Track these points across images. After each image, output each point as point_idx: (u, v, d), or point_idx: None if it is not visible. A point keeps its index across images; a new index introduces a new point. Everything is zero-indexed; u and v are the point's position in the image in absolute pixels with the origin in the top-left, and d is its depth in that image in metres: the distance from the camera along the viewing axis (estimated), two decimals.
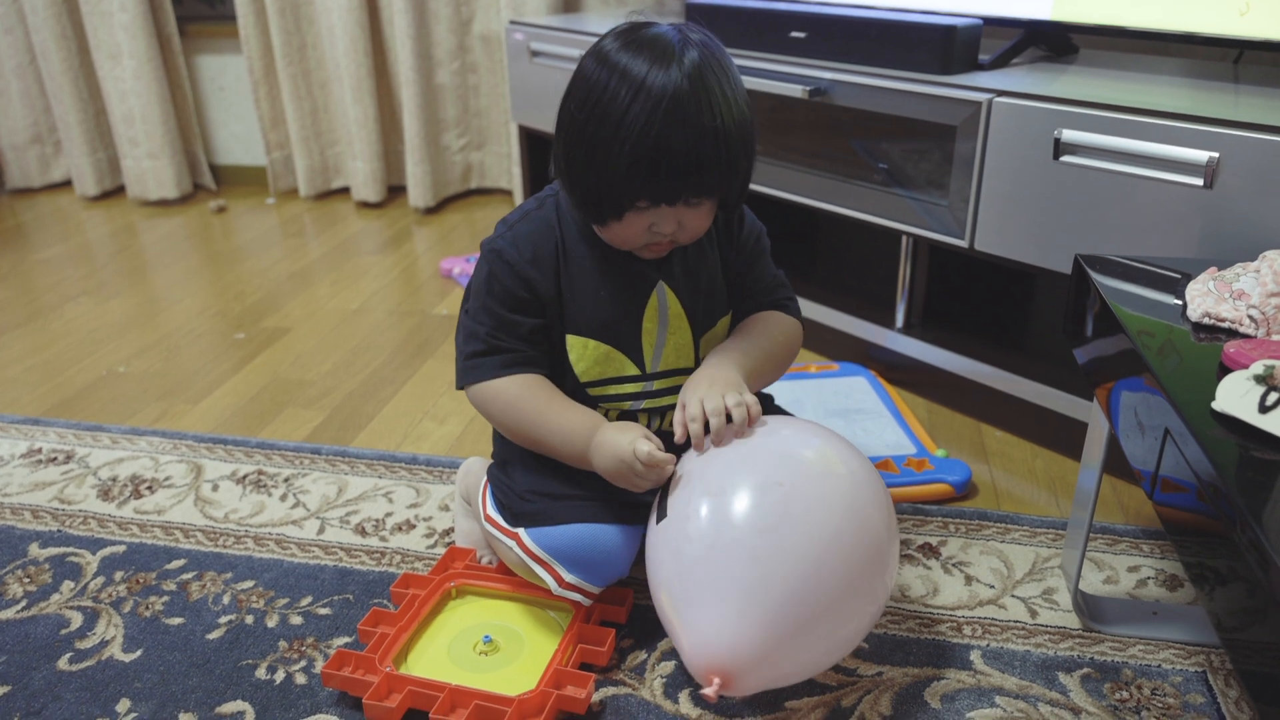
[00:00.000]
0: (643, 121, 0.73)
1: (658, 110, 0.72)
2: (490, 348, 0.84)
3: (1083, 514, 0.91)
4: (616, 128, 0.73)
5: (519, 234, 0.84)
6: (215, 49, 2.34)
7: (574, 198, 0.81)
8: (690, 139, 0.73)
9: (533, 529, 0.84)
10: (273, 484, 1.14)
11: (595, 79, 0.76)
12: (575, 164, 0.78)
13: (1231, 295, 0.77)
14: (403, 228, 2.14)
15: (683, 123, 0.73)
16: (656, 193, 0.76)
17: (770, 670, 0.72)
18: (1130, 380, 0.76)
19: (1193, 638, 0.88)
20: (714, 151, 0.75)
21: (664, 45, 0.75)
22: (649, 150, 0.73)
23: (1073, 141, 1.04)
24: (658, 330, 0.86)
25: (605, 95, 0.74)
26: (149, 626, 0.90)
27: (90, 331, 1.62)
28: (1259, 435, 0.62)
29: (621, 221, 0.79)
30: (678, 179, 0.75)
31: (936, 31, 1.21)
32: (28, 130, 2.37)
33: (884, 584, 0.76)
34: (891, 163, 1.26)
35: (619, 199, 0.77)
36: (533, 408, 0.83)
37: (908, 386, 1.37)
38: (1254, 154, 0.92)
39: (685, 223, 0.80)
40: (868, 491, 0.77)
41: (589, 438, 0.81)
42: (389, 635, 0.84)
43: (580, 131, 0.76)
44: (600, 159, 0.75)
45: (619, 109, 0.73)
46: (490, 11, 2.11)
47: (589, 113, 0.75)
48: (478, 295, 0.85)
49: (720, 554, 0.71)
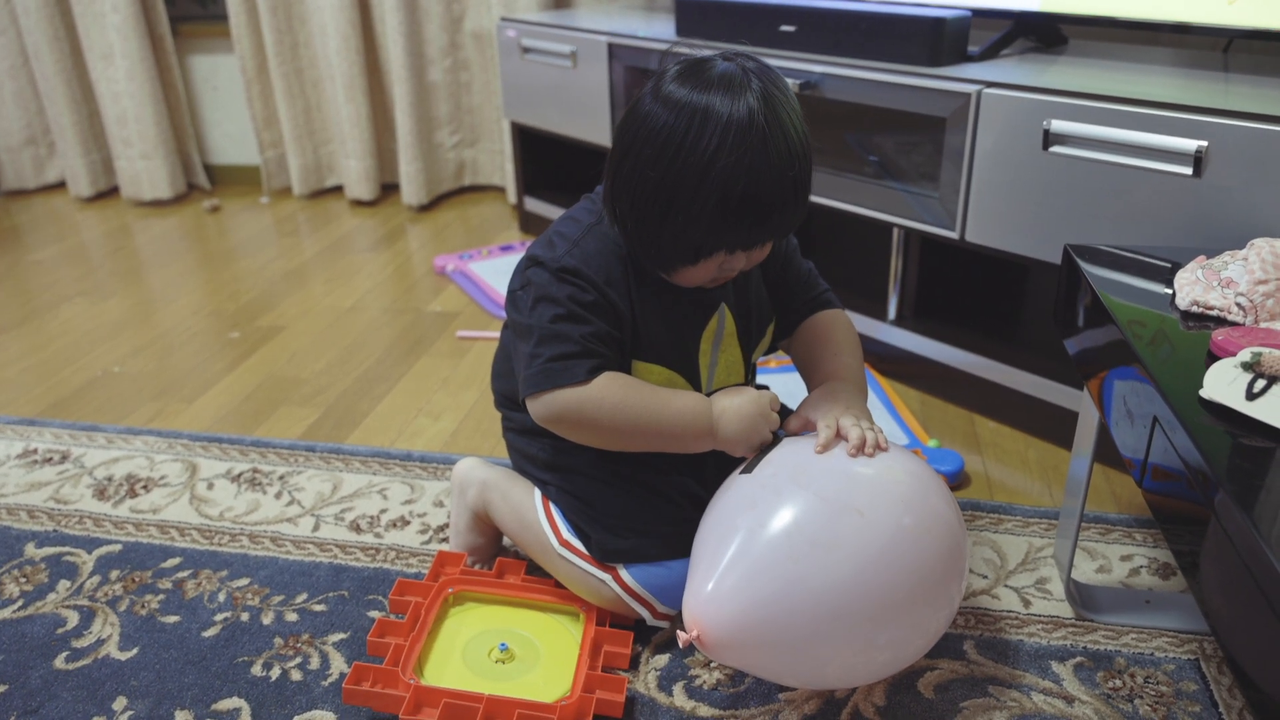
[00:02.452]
0: (732, 164, 0.70)
1: (746, 153, 0.70)
2: (585, 350, 0.78)
3: (1074, 503, 0.91)
4: (702, 176, 0.71)
5: (588, 252, 0.80)
6: (207, 49, 2.34)
7: (644, 248, 0.78)
8: (774, 187, 0.72)
9: (633, 567, 0.83)
10: (268, 482, 1.14)
11: (669, 124, 0.72)
12: (649, 220, 0.75)
13: (1220, 283, 0.77)
14: (396, 225, 2.14)
15: (766, 170, 0.71)
16: (741, 241, 0.76)
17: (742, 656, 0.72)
18: (1119, 369, 0.76)
19: (1185, 625, 0.88)
20: (794, 194, 0.74)
21: (732, 81, 0.72)
22: (739, 196, 0.71)
23: (1062, 132, 1.05)
24: (712, 350, 0.86)
25: (686, 141, 0.71)
26: (145, 625, 0.90)
27: (85, 332, 1.62)
28: (1246, 422, 0.62)
29: (695, 268, 0.78)
30: (762, 226, 0.74)
31: (925, 24, 1.21)
32: (22, 132, 2.36)
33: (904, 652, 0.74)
34: (882, 155, 1.26)
35: (698, 249, 0.75)
36: (642, 400, 0.78)
37: (900, 378, 1.37)
38: (1242, 142, 0.92)
39: (754, 258, 0.80)
40: (937, 570, 0.73)
41: (709, 410, 0.79)
42: (403, 646, 0.82)
43: (658, 185, 0.73)
44: (684, 213, 0.73)
45: (703, 155, 0.71)
46: (481, 8, 2.11)
47: (669, 163, 0.72)
48: (556, 304, 0.78)
49: (768, 538, 0.71)
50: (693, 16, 1.50)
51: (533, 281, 0.81)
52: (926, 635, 0.75)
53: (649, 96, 0.75)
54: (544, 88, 1.78)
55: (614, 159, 0.77)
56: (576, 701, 0.77)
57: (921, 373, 1.34)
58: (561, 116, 1.77)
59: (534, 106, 1.83)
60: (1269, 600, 0.52)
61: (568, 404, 0.78)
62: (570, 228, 0.83)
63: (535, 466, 0.90)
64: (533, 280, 0.81)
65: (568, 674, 0.82)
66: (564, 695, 0.79)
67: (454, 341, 1.54)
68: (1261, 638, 0.55)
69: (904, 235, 1.36)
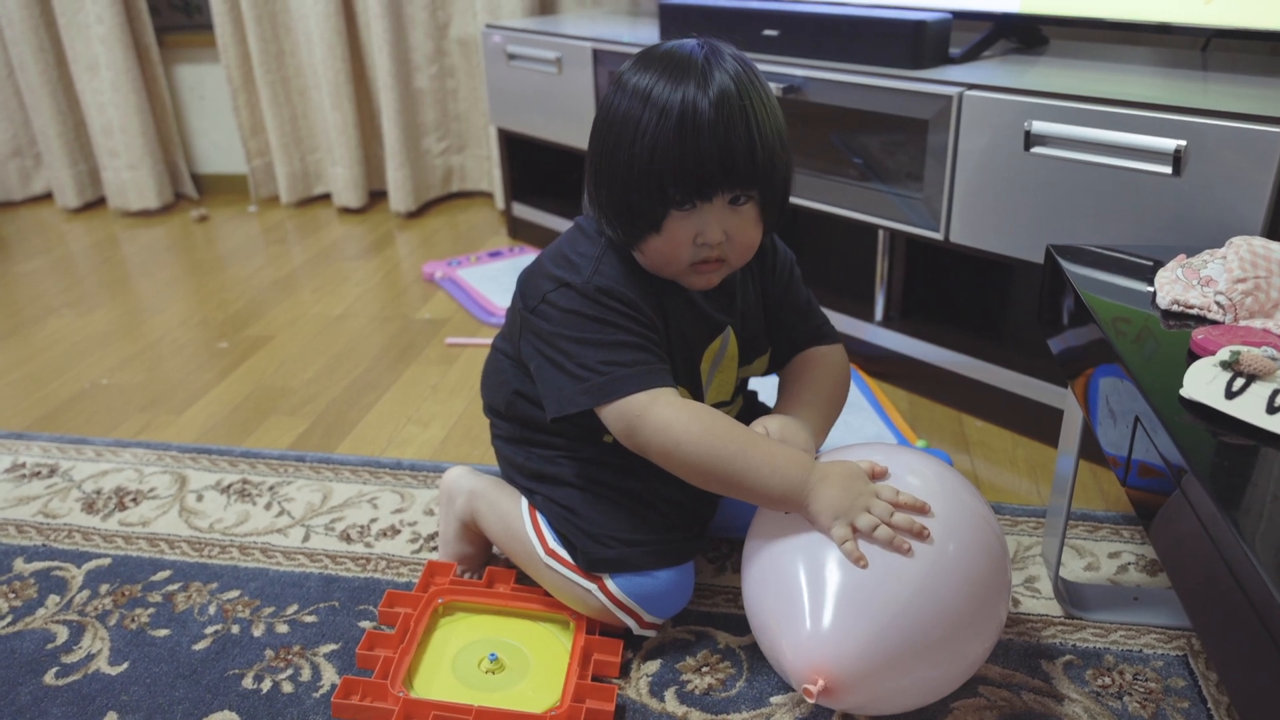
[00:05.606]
0: (658, 116, 0.72)
1: (674, 103, 0.72)
2: (651, 356, 0.76)
3: (1061, 500, 0.91)
4: (636, 129, 0.73)
5: (615, 270, 0.79)
6: (193, 58, 2.33)
7: (610, 216, 0.78)
8: (721, 124, 0.72)
9: (619, 576, 0.82)
10: (257, 493, 1.14)
11: (612, 100, 0.76)
12: (602, 182, 0.77)
13: (1200, 282, 0.78)
14: (384, 232, 2.14)
15: (711, 111, 0.71)
16: (688, 184, 0.73)
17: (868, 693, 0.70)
18: (1102, 369, 0.77)
19: (1174, 622, 0.89)
20: (746, 138, 0.73)
21: (679, 53, 0.75)
22: (673, 139, 0.72)
23: (1043, 133, 1.05)
24: (709, 370, 0.87)
25: (620, 108, 0.75)
26: (135, 639, 0.90)
27: (73, 344, 1.62)
28: (1226, 420, 0.63)
29: (662, 234, 0.76)
30: (709, 165, 0.73)
31: (906, 27, 1.22)
32: (8, 144, 2.35)
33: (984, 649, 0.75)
34: (866, 158, 1.27)
35: (653, 202, 0.74)
36: (732, 439, 0.74)
37: (887, 379, 1.38)
38: (1221, 141, 0.93)
39: (732, 232, 0.77)
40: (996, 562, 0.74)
41: (808, 469, 0.73)
42: (392, 659, 0.81)
43: (603, 148, 0.76)
44: (625, 163, 0.74)
45: (635, 114, 0.73)
46: (467, 15, 2.11)
47: (606, 128, 0.76)
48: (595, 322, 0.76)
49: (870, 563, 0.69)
50: (676, 22, 1.51)
51: (559, 305, 0.79)
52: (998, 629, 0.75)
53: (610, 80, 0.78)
54: (530, 94, 1.79)
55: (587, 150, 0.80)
56: (567, 711, 0.77)
57: (908, 373, 1.34)
58: (547, 122, 1.77)
59: (520, 112, 1.83)
60: (1249, 598, 0.52)
61: (663, 420, 0.74)
62: (586, 246, 0.82)
63: (522, 475, 0.90)
64: (559, 304, 0.79)
65: (558, 683, 0.82)
66: (554, 705, 0.79)
67: (443, 349, 1.54)
68: (1242, 635, 0.55)
69: (889, 237, 1.36)
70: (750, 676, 0.84)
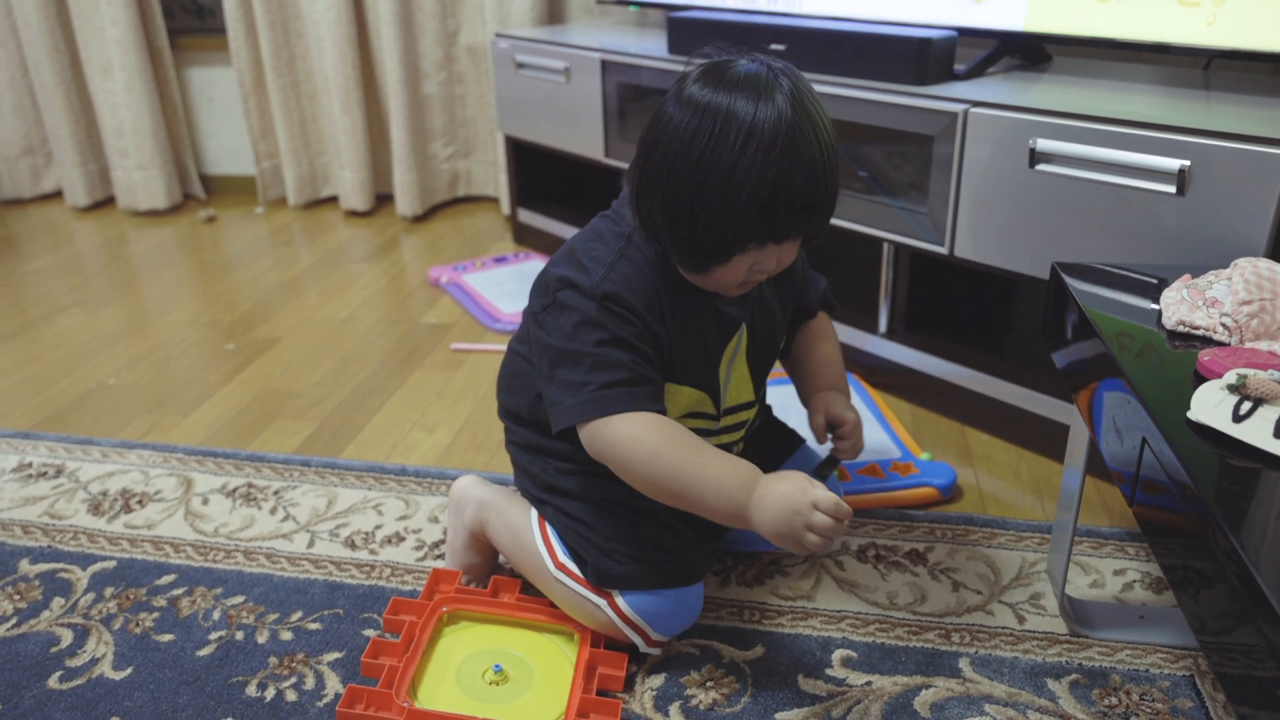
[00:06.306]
0: (760, 163, 0.71)
1: (774, 150, 0.71)
2: (636, 376, 0.76)
3: (1067, 516, 0.91)
4: (730, 173, 0.71)
5: (625, 276, 0.79)
6: (205, 61, 2.34)
7: (676, 248, 0.77)
8: (806, 175, 0.72)
9: (629, 593, 0.82)
10: (263, 497, 1.14)
11: (692, 126, 0.73)
12: (680, 217, 0.75)
13: (1205, 303, 0.78)
14: (391, 236, 2.14)
15: (797, 159, 0.72)
16: (775, 232, 0.75)
17: None
18: (1108, 387, 0.77)
19: (1180, 641, 0.88)
20: (825, 183, 0.74)
21: (757, 81, 0.73)
22: (769, 191, 0.72)
23: (1048, 150, 1.06)
24: (726, 369, 0.87)
25: (711, 141, 0.72)
26: (139, 644, 0.90)
27: (81, 343, 1.62)
28: (1233, 444, 0.63)
29: (727, 265, 0.77)
30: (796, 216, 0.74)
31: (912, 44, 1.22)
32: (19, 142, 2.37)
33: None
34: (872, 171, 1.27)
35: (730, 244, 0.75)
36: (681, 456, 0.75)
37: (891, 391, 1.38)
38: (1225, 162, 0.93)
39: (783, 257, 0.79)
40: None
41: (750, 490, 0.74)
42: (397, 668, 0.81)
43: (686, 184, 0.73)
44: (714, 207, 0.73)
45: (729, 154, 0.71)
46: (476, 23, 2.12)
47: (696, 162, 0.72)
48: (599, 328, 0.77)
49: None
50: (684, 35, 1.51)
51: (568, 305, 0.79)
52: None
53: (672, 100, 0.76)
54: (538, 102, 1.79)
55: (639, 161, 0.78)
56: None
57: (913, 385, 1.34)
58: (555, 130, 1.78)
59: (528, 120, 1.84)
60: (1256, 621, 0.52)
61: (617, 435, 0.76)
62: (601, 250, 0.81)
63: (534, 485, 0.90)
64: (568, 303, 0.79)
65: (562, 697, 0.82)
66: (558, 718, 0.79)
67: (448, 354, 1.55)
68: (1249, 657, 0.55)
69: (894, 250, 1.37)
70: (755, 692, 0.84)
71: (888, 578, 0.98)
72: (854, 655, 0.88)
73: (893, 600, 0.95)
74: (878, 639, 0.90)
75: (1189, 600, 0.64)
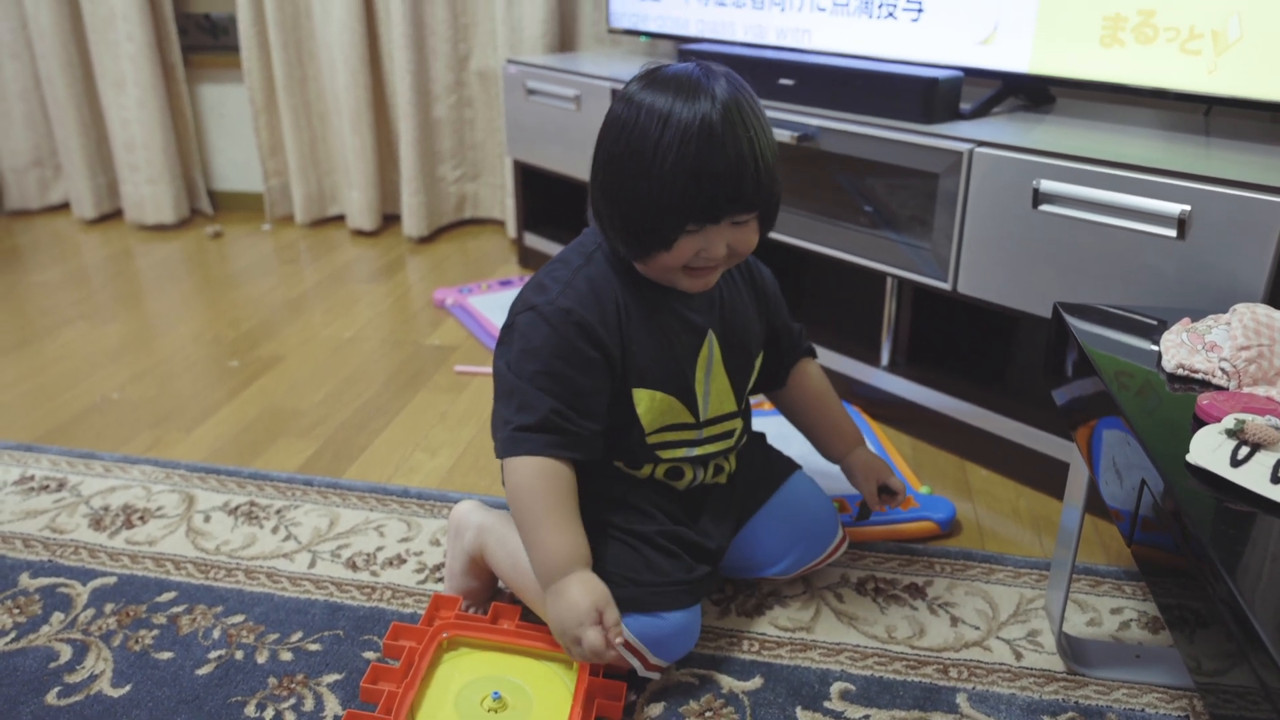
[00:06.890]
0: (678, 143, 0.75)
1: (692, 129, 0.75)
2: (543, 424, 0.81)
3: (1065, 554, 0.92)
4: (653, 154, 0.76)
5: (581, 292, 0.84)
6: (217, 78, 2.37)
7: (619, 235, 0.82)
8: (731, 152, 0.76)
9: (629, 617, 0.83)
10: (264, 515, 1.15)
11: (625, 117, 0.79)
12: (616, 201, 0.80)
13: (1204, 347, 0.79)
14: (396, 256, 2.16)
15: (721, 138, 0.76)
16: (704, 211, 0.78)
17: None
18: (1107, 428, 0.78)
19: (1176, 681, 0.89)
20: (754, 163, 0.78)
21: (688, 78, 0.79)
22: (690, 167, 0.76)
23: (1051, 191, 1.08)
24: (704, 379, 0.89)
25: (637, 128, 0.77)
26: (138, 661, 0.90)
27: (85, 356, 1.63)
28: (1231, 488, 0.64)
29: (671, 251, 0.80)
30: (720, 193, 0.77)
31: (919, 83, 1.25)
32: (29, 153, 2.39)
33: None
34: (877, 206, 1.29)
35: (667, 226, 0.79)
36: (540, 510, 0.81)
37: (892, 424, 1.39)
38: (1224, 208, 0.95)
39: (734, 244, 0.82)
40: None
41: (560, 574, 0.80)
42: (396, 693, 0.81)
43: (618, 168, 0.79)
44: (643, 188, 0.78)
45: (652, 138, 0.76)
46: (488, 49, 2.15)
47: (623, 148, 0.79)
48: (537, 358, 0.82)
49: None
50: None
51: (519, 329, 0.84)
52: None
53: (616, 100, 0.81)
54: (547, 128, 1.82)
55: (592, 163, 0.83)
56: None
57: (913, 418, 1.36)
58: (564, 156, 1.80)
59: (537, 146, 1.87)
60: (1251, 664, 0.53)
61: (507, 469, 0.83)
62: (561, 271, 0.87)
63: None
64: (519, 327, 0.84)
65: None
66: None
67: (452, 376, 1.56)
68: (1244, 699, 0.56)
69: (897, 284, 1.38)
70: None
71: (886, 611, 0.98)
72: (852, 688, 0.88)
73: (891, 634, 0.95)
74: (876, 672, 0.90)
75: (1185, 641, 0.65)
